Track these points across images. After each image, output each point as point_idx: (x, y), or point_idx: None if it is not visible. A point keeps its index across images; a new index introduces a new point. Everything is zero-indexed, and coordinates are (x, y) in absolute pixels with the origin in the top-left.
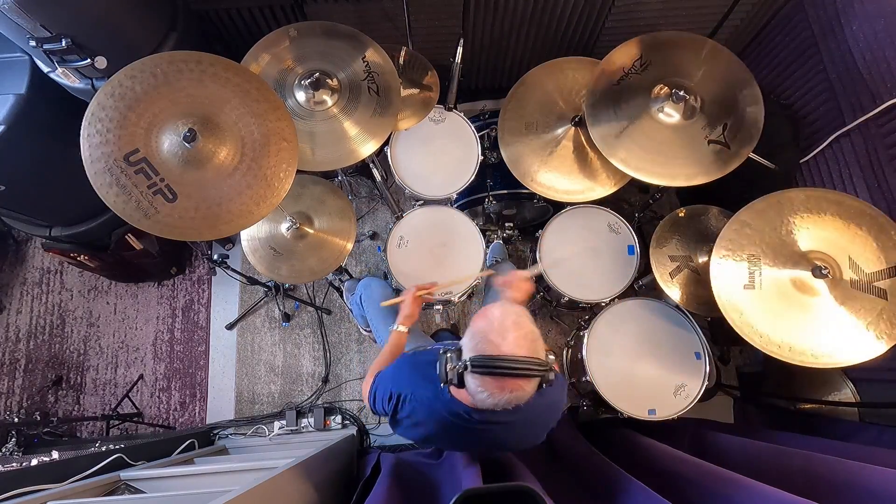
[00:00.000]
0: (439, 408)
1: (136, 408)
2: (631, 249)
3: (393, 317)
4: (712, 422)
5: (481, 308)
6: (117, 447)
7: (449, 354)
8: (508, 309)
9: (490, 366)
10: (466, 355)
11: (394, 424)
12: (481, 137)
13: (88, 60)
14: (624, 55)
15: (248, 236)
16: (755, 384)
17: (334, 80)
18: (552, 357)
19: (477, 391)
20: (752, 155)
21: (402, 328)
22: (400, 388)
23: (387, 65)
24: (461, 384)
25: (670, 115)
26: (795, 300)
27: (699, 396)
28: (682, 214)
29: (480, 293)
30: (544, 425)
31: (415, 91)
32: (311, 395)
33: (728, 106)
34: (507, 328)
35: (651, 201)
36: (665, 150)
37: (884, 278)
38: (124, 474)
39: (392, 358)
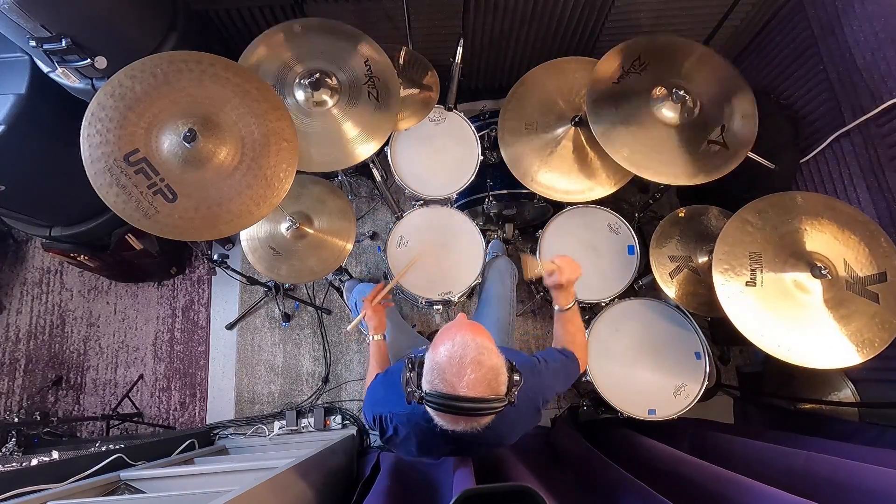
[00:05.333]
0: (418, 419)
1: (136, 408)
2: (631, 249)
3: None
4: (712, 422)
5: (446, 326)
6: (117, 447)
7: (409, 375)
8: (470, 342)
9: (443, 405)
10: (424, 385)
11: (388, 444)
12: (481, 137)
13: (88, 60)
14: (617, 59)
15: (247, 236)
16: (755, 384)
17: (334, 79)
18: (517, 377)
19: (434, 417)
20: (751, 155)
21: (376, 337)
22: (379, 409)
23: (387, 66)
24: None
25: (670, 114)
26: (796, 300)
27: (699, 396)
28: (682, 214)
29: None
30: (532, 411)
31: (415, 91)
32: (311, 395)
33: (723, 108)
34: (465, 367)
35: (651, 201)
36: (666, 149)
37: (875, 283)
38: (124, 474)
39: (377, 366)
